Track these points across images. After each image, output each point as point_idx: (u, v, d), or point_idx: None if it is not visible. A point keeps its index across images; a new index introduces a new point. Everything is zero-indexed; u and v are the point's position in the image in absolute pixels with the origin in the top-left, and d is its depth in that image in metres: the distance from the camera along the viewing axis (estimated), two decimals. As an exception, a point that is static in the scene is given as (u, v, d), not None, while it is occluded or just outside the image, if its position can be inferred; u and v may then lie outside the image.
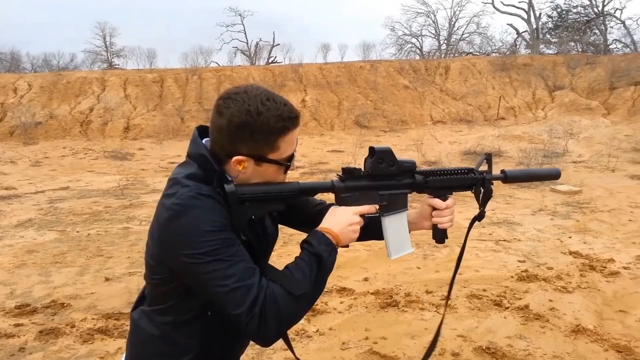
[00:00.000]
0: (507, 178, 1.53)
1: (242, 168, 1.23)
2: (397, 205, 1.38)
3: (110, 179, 10.54)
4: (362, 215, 1.33)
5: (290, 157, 1.29)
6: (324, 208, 1.52)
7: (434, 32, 35.94)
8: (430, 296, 4.50)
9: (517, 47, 32.77)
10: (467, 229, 1.56)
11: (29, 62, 31.49)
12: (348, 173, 1.32)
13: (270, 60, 32.26)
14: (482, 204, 1.49)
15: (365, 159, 1.36)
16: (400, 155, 1.41)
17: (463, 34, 35.22)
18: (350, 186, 1.31)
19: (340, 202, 1.31)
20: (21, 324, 4.01)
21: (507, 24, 44.72)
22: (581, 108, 19.43)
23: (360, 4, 65.66)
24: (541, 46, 30.46)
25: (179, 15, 58.66)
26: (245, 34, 34.58)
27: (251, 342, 1.28)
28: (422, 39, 36.14)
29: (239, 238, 1.20)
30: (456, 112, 20.65)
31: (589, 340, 3.67)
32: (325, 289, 4.56)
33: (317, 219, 1.38)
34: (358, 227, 1.30)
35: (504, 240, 6.19)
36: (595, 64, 21.93)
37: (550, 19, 32.79)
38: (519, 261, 5.42)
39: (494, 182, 1.51)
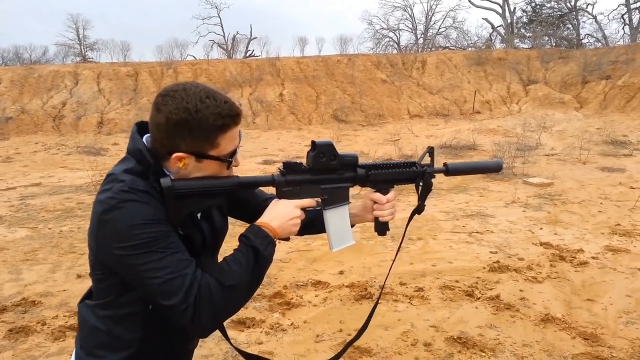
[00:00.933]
0: (449, 171, 1.55)
1: (182, 165, 1.23)
2: (338, 198, 1.39)
3: (83, 174, 10.34)
4: (303, 209, 1.35)
5: (232, 153, 1.28)
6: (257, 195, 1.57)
7: (411, 26, 36.16)
8: (403, 288, 4.55)
9: (493, 41, 33.19)
10: (406, 222, 1.61)
11: (-1, 55, 30.66)
12: (289, 167, 1.33)
13: (247, 54, 32.02)
14: (422, 197, 1.51)
15: (308, 152, 1.36)
16: (378, 149, 1.44)
17: (439, 29, 35.53)
18: (291, 180, 1.32)
19: (281, 195, 1.32)
20: (-10, 322, 3.94)
21: (483, 19, 45.29)
22: (554, 102, 19.80)
23: (338, -2, 65.57)
24: (516, 40, 30.86)
25: (154, 8, 57.79)
26: (222, 27, 34.26)
27: (222, 337, 1.30)
28: (399, 33, 36.33)
29: (176, 232, 1.21)
30: (433, 106, 20.83)
31: (557, 328, 3.76)
32: (300, 283, 4.60)
33: (255, 209, 1.43)
34: (298, 221, 1.31)
35: (477, 232, 6.29)
36: (568, 58, 22.34)
37: (524, 14, 33.31)
38: (491, 252, 5.51)
39: (436, 175, 1.54)
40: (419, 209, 1.54)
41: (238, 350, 1.56)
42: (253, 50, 32.69)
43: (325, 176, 1.36)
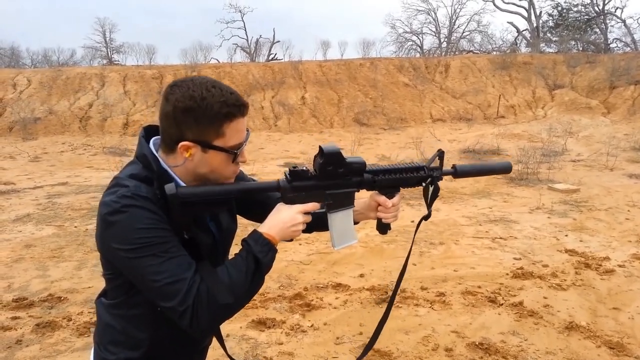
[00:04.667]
0: (457, 173, 1.53)
1: (188, 155, 1.25)
2: (343, 202, 1.39)
3: (108, 174, 10.52)
4: (308, 212, 1.35)
5: (238, 146, 1.28)
6: (266, 198, 1.58)
7: (434, 30, 35.86)
8: (425, 292, 4.52)
9: (518, 45, 32.74)
10: (415, 229, 1.61)
11: (29, 57, 31.39)
12: (295, 174, 1.31)
13: (270, 57, 32.21)
14: (430, 203, 1.50)
15: (315, 157, 1.34)
16: (400, 153, 1.42)
17: (463, 32, 35.16)
18: (297, 186, 1.31)
19: (286, 201, 1.31)
20: (18, 317, 4.04)
21: (508, 22, 44.61)
22: (581, 107, 19.42)
23: (361, 1, 65.60)
24: (541, 45, 30.40)
25: (179, 12, 58.57)
26: (245, 30, 34.52)
27: (243, 336, 1.30)
28: (422, 37, 36.07)
29: (181, 236, 1.23)
30: (456, 110, 20.64)
31: (582, 336, 3.69)
32: (321, 285, 4.60)
33: (259, 208, 1.46)
34: (300, 227, 1.31)
35: (501, 238, 6.21)
36: (595, 63, 21.90)
37: (550, 18, 32.74)
38: (515, 259, 5.44)
39: (445, 177, 1.52)
40: (427, 216, 1.53)
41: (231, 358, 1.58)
42: (276, 54, 32.89)
43: (331, 182, 1.35)
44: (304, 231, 1.39)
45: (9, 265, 5.29)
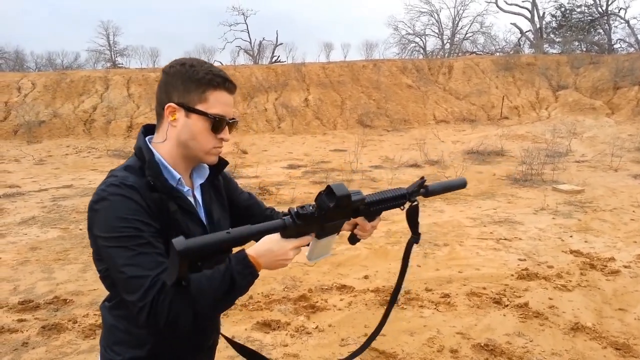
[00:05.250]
0: (428, 192, 1.59)
1: (173, 119, 1.32)
2: (333, 231, 1.39)
3: (113, 177, 10.58)
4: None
5: (220, 117, 1.33)
6: (273, 215, 1.67)
7: (437, 31, 35.89)
8: (429, 294, 4.52)
9: (521, 46, 32.72)
10: (405, 253, 1.62)
11: (33, 61, 31.61)
12: (302, 218, 1.27)
13: (273, 60, 32.28)
14: (415, 226, 1.58)
15: (320, 194, 1.30)
16: (403, 155, 1.42)
17: (466, 34, 35.17)
18: (301, 230, 1.29)
19: (285, 237, 1.28)
20: (24, 319, 4.05)
21: (511, 24, 44.63)
22: (585, 108, 19.39)
23: (363, 3, 65.66)
24: (545, 46, 30.36)
25: (182, 15, 58.73)
26: (248, 33, 34.62)
27: (248, 338, 1.29)
28: (425, 38, 36.08)
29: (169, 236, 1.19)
30: (459, 111, 20.63)
31: (587, 337, 3.68)
32: (325, 286, 4.60)
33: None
34: (289, 261, 1.30)
35: (505, 239, 6.20)
36: (599, 64, 21.87)
37: (554, 19, 32.70)
38: (520, 260, 5.43)
39: (419, 198, 1.59)
40: (417, 239, 1.61)
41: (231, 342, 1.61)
42: (279, 56, 32.99)
43: (331, 218, 1.34)
44: None
45: (15, 268, 5.32)
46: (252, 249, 1.25)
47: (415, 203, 1.55)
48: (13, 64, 30.45)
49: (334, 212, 1.29)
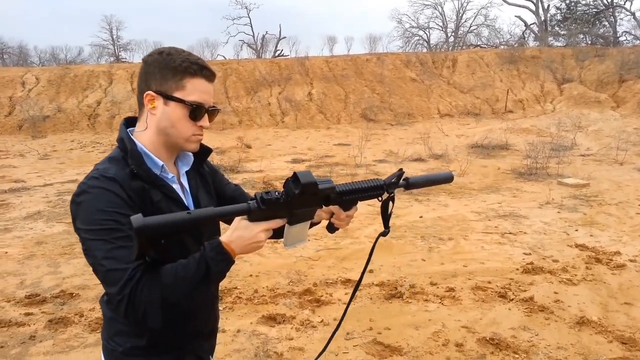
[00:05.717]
0: (409, 185, 1.58)
1: (152, 107, 1.35)
2: (305, 218, 1.39)
3: (117, 171, 10.60)
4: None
5: (197, 104, 1.34)
6: (239, 195, 1.68)
7: (441, 24, 35.74)
8: (434, 288, 4.52)
9: (526, 39, 32.53)
10: (372, 244, 1.60)
11: (37, 55, 31.64)
12: (266, 202, 1.27)
13: (276, 54, 32.21)
14: (387, 219, 1.55)
15: (287, 180, 1.31)
16: (407, 149, 1.41)
17: (471, 26, 35.01)
18: (267, 214, 1.29)
19: (252, 220, 1.28)
20: (31, 313, 4.08)
21: (515, 16, 44.42)
22: (590, 101, 19.29)
23: (367, -3, 65.34)
24: (550, 38, 30.18)
25: (185, 8, 58.61)
26: (251, 27, 34.56)
27: (253, 332, 1.28)
28: (429, 32, 35.95)
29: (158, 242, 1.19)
30: (463, 105, 20.56)
31: (593, 331, 3.68)
32: (330, 280, 4.61)
33: (232, 204, 1.49)
34: (262, 243, 1.30)
35: (510, 233, 6.19)
36: (604, 57, 21.72)
37: (558, 11, 32.50)
38: (525, 254, 5.42)
39: (400, 189, 1.57)
40: (385, 233, 1.56)
41: None
42: (282, 50, 32.90)
43: (300, 205, 1.34)
44: None
45: (21, 262, 5.34)
46: (224, 236, 1.27)
47: (392, 195, 1.52)
48: (17, 58, 30.51)
49: (300, 199, 1.30)
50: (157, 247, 1.14)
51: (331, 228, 1.58)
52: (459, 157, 12.23)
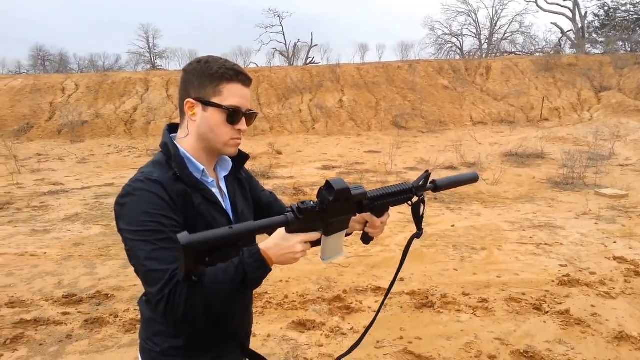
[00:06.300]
0: (437, 187, 1.58)
1: (192, 114, 1.39)
2: (340, 228, 1.41)
3: (152, 176, 10.83)
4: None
5: (235, 108, 1.38)
6: (274, 201, 1.71)
7: (474, 31, 35.38)
8: (467, 298, 4.44)
9: (562, 46, 31.87)
10: (406, 246, 1.60)
11: (76, 63, 32.74)
12: (303, 212, 1.29)
13: (308, 61, 32.43)
14: (419, 222, 1.56)
15: (320, 189, 1.33)
16: (439, 157, 1.41)
17: (505, 33, 34.52)
18: (304, 225, 1.31)
19: (289, 232, 1.31)
20: (68, 312, 4.19)
21: (552, 23, 43.50)
22: (629, 109, 18.72)
23: (399, 4, 65.18)
24: (587, 46, 29.49)
25: (219, 17, 59.62)
26: (283, 35, 34.97)
27: (283, 337, 1.29)
28: (462, 39, 35.62)
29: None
30: (497, 112, 20.24)
31: (633, 347, 3.55)
32: (360, 288, 4.59)
33: (267, 210, 1.61)
34: (299, 255, 1.31)
35: (545, 244, 6.04)
36: (645, 64, 21.09)
37: (596, 18, 31.74)
38: (561, 265, 5.28)
39: (426, 192, 1.56)
40: (419, 235, 1.57)
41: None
42: (314, 58, 33.14)
43: (334, 214, 1.36)
44: None
45: (59, 263, 5.50)
46: (263, 244, 1.29)
47: (422, 197, 1.53)
48: (57, 66, 31.59)
49: (334, 206, 1.32)
50: (202, 263, 1.18)
51: (366, 238, 1.58)
52: (492, 165, 12.03)
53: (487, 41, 34.91)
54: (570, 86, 21.36)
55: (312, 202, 1.31)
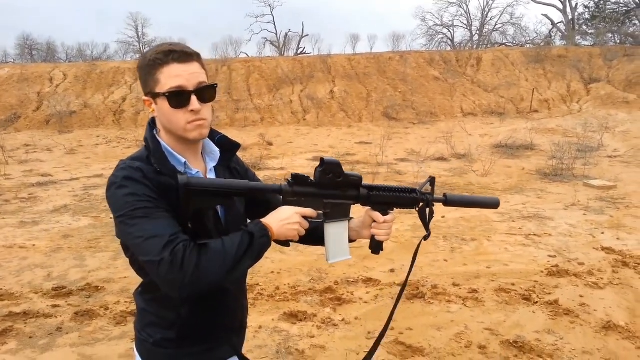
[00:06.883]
0: (447, 202, 1.57)
1: (152, 110, 1.38)
2: (339, 214, 1.46)
3: (142, 167, 10.76)
4: (305, 218, 1.39)
5: (175, 90, 1.30)
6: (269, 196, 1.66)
7: (466, 22, 35.30)
8: (457, 289, 4.48)
9: (552, 38, 31.96)
10: (416, 247, 1.62)
11: (64, 52, 32.26)
12: (297, 179, 1.40)
13: (299, 51, 32.26)
14: (427, 224, 1.56)
15: (316, 168, 1.42)
16: (429, 148, 1.43)
17: (496, 25, 34.50)
18: (297, 191, 1.39)
19: (286, 204, 1.39)
20: (58, 305, 4.17)
21: (542, 15, 43.50)
22: (618, 101, 18.85)
23: (391, -6, 64.90)
24: (577, 37, 29.59)
25: (210, 6, 59.07)
26: (274, 24, 34.69)
27: (275, 328, 1.29)
28: (453, 30, 35.55)
29: (185, 226, 1.28)
30: (487, 104, 20.29)
31: (620, 337, 3.60)
32: (351, 279, 4.60)
33: (264, 203, 1.57)
34: (297, 226, 1.36)
35: (534, 235, 6.10)
36: (634, 56, 21.19)
37: (587, 10, 31.84)
38: (550, 256, 5.33)
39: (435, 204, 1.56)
40: (427, 237, 1.59)
41: None
42: (305, 48, 32.98)
43: (329, 192, 1.43)
44: (298, 241, 1.47)
45: (48, 255, 5.46)
46: (263, 219, 1.35)
47: (428, 203, 1.53)
48: (45, 55, 31.14)
49: (325, 180, 1.39)
50: (199, 220, 1.27)
51: (374, 245, 1.57)
52: (482, 156, 12.09)
53: (478, 32, 34.93)
54: (560, 78, 21.45)
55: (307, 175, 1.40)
